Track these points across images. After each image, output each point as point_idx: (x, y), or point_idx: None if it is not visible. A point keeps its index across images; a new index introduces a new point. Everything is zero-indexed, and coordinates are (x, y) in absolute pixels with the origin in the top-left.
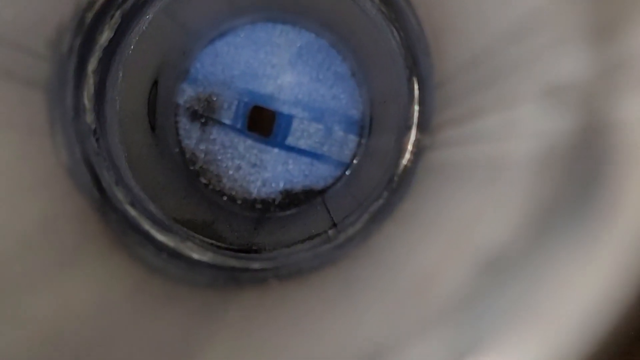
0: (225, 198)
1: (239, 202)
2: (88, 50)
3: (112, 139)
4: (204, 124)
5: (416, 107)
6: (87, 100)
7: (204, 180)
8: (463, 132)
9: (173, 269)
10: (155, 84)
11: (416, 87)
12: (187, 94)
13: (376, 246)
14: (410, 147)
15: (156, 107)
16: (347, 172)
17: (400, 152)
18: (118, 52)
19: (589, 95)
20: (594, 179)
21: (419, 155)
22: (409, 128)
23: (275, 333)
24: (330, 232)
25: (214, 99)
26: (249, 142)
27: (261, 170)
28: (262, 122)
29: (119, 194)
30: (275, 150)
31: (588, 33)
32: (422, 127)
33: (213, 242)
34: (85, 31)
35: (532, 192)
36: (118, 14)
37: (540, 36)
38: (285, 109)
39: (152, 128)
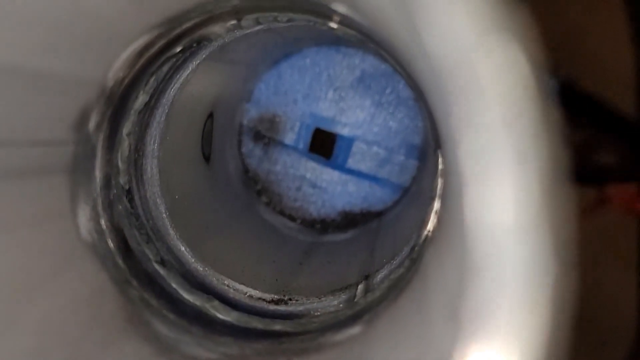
0: (284, 218)
1: (299, 221)
2: (121, 118)
3: (150, 192)
4: (266, 145)
5: (440, 180)
6: (121, 163)
7: (265, 199)
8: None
9: (184, 344)
10: (209, 115)
11: (440, 159)
12: (250, 114)
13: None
14: (432, 217)
15: (212, 136)
16: (403, 197)
17: (424, 221)
18: (158, 107)
19: None
20: None
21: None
22: (433, 198)
23: None
24: (360, 286)
25: (277, 120)
26: (310, 163)
27: (321, 191)
28: (324, 144)
29: (149, 253)
30: (336, 172)
31: None
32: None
33: (248, 290)
34: (116, 103)
35: None
36: (152, 80)
37: None
38: (346, 132)
39: (207, 159)
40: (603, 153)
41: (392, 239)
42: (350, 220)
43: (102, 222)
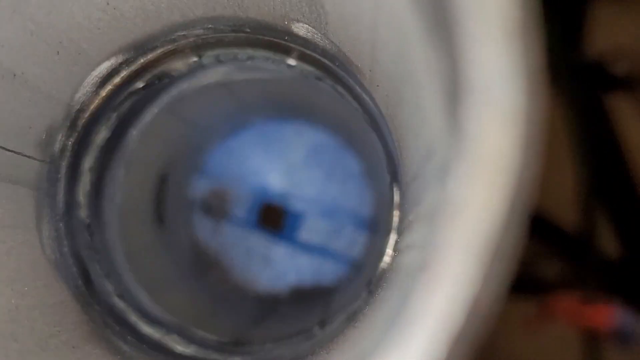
0: (234, 292)
1: (249, 296)
2: (83, 149)
3: (109, 233)
4: (217, 219)
5: (396, 212)
6: (82, 197)
7: (214, 274)
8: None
9: None
10: (163, 177)
11: (396, 193)
12: (200, 189)
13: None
14: (389, 250)
15: (166, 201)
16: (353, 270)
17: (381, 254)
18: (118, 150)
19: None
20: None
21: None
22: (389, 232)
23: None
24: (315, 328)
25: (227, 194)
26: (260, 237)
27: (271, 265)
28: (274, 217)
29: (108, 286)
30: (286, 245)
31: None
32: (400, 232)
33: (205, 334)
34: (80, 132)
35: None
36: (114, 115)
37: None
38: (296, 206)
39: (160, 220)
40: (545, 265)
41: (350, 292)
42: (300, 294)
43: (65, 246)
